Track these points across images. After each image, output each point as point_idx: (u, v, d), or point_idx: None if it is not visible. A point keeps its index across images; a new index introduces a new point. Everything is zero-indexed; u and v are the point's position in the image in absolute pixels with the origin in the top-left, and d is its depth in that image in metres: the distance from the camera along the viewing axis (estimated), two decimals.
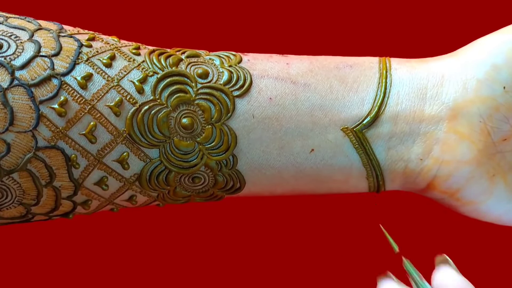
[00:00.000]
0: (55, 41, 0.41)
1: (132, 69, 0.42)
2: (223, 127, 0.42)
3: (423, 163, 0.44)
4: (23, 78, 0.40)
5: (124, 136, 0.41)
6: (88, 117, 0.40)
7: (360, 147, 0.43)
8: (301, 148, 0.43)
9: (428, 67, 0.44)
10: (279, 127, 0.43)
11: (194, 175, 0.43)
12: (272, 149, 0.43)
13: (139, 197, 0.43)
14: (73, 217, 0.44)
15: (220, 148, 0.42)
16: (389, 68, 0.44)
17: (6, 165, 0.40)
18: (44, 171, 0.41)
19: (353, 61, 0.45)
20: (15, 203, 0.41)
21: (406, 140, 0.44)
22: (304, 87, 0.43)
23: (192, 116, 0.42)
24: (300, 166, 0.43)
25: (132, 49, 0.43)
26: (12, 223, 0.43)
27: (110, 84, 0.41)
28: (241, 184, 0.43)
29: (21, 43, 0.41)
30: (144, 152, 0.42)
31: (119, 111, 0.41)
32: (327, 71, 0.44)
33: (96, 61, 0.41)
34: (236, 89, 0.43)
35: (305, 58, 0.45)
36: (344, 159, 0.44)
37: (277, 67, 0.44)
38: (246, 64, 0.44)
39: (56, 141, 0.40)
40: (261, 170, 0.43)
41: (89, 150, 0.41)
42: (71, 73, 0.41)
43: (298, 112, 0.43)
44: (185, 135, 0.42)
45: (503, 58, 0.43)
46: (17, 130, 0.39)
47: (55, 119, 0.40)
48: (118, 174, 0.42)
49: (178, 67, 0.42)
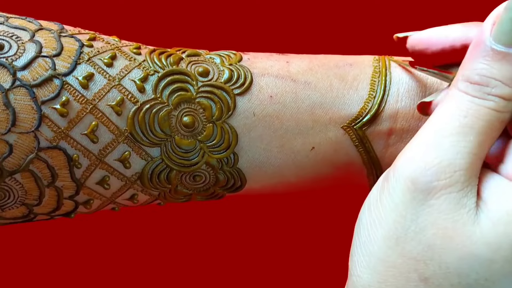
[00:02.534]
0: (56, 41, 0.41)
1: (133, 68, 0.42)
2: (224, 125, 0.42)
3: None
4: (25, 78, 0.40)
5: (126, 135, 0.41)
6: (90, 117, 0.41)
7: (360, 144, 0.44)
8: (302, 146, 0.43)
9: None
10: (279, 125, 0.43)
11: (195, 174, 0.43)
12: (272, 147, 0.43)
13: (140, 196, 0.43)
14: (74, 216, 0.44)
15: (221, 146, 0.42)
16: (388, 66, 0.44)
17: (8, 166, 0.40)
18: (46, 172, 0.41)
19: (353, 60, 0.45)
20: (18, 203, 0.41)
21: (405, 137, 0.44)
22: (305, 85, 0.43)
23: (193, 115, 0.42)
24: (300, 164, 0.44)
25: (133, 48, 0.43)
26: (14, 223, 0.43)
27: (112, 84, 0.41)
28: (242, 182, 0.44)
29: (22, 44, 0.40)
30: (146, 151, 0.42)
31: (120, 110, 0.41)
32: (327, 69, 0.44)
33: (97, 60, 0.41)
34: (237, 87, 0.43)
35: (305, 56, 0.45)
36: (344, 157, 0.44)
37: (277, 66, 0.44)
38: (246, 63, 0.44)
39: (58, 142, 0.40)
40: (262, 168, 0.43)
41: (91, 150, 0.41)
42: (73, 73, 0.41)
43: (298, 110, 0.43)
44: (186, 133, 0.42)
45: None
46: (19, 131, 0.39)
47: (57, 120, 0.40)
48: (119, 173, 0.42)
49: (178, 65, 0.43)
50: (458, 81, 0.37)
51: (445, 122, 0.36)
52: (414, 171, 0.36)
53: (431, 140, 0.36)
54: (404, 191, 0.36)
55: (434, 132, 0.36)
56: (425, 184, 0.35)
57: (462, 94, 0.37)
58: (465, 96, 0.37)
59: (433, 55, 0.42)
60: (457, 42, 0.41)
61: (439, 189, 0.35)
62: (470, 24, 0.41)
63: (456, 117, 0.36)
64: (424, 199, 0.35)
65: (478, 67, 0.37)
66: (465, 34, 0.41)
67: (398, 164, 0.37)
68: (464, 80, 0.37)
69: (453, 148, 0.36)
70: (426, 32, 0.42)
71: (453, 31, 0.41)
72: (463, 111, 0.36)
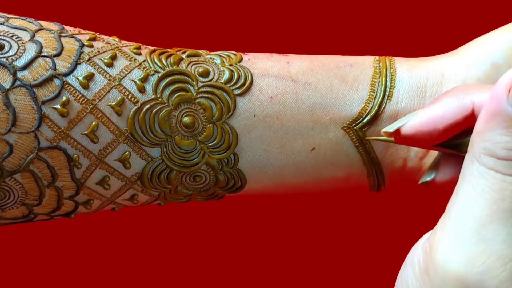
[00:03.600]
0: (56, 42, 0.41)
1: (133, 69, 0.42)
2: (224, 125, 0.42)
3: (422, 161, 0.44)
4: (25, 78, 0.40)
5: (126, 135, 0.41)
6: (90, 117, 0.41)
7: (360, 145, 0.44)
8: (302, 147, 0.43)
9: (427, 66, 0.45)
10: (280, 126, 0.43)
11: (195, 174, 0.43)
12: (273, 147, 0.43)
13: (140, 196, 0.43)
14: (74, 216, 0.44)
15: (221, 147, 0.42)
16: (389, 67, 0.44)
17: (8, 166, 0.40)
18: (47, 172, 0.41)
19: (353, 60, 0.45)
20: (18, 203, 0.41)
21: None
22: (305, 86, 0.43)
23: (194, 115, 0.42)
24: (301, 165, 0.44)
25: (133, 49, 0.43)
26: (14, 223, 0.43)
27: (112, 84, 0.41)
28: (242, 182, 0.44)
29: (22, 44, 0.40)
30: (146, 151, 0.42)
31: (120, 111, 0.41)
32: (328, 70, 0.44)
33: (97, 60, 0.41)
34: (237, 87, 0.43)
35: (305, 57, 0.45)
36: (345, 157, 0.44)
37: (278, 66, 0.44)
38: (246, 63, 0.44)
39: (58, 142, 0.40)
40: (262, 169, 0.43)
41: (91, 150, 0.41)
42: (73, 73, 0.41)
43: (299, 110, 0.43)
44: (187, 133, 0.42)
45: (503, 57, 0.43)
46: (19, 131, 0.39)
47: (57, 120, 0.40)
48: (119, 174, 0.42)
49: (179, 66, 0.43)
50: (480, 156, 0.34)
51: (480, 208, 0.34)
52: (462, 270, 0.33)
53: (471, 231, 0.34)
54: None
55: (471, 220, 0.34)
56: (477, 283, 0.33)
57: (490, 172, 0.34)
58: (495, 175, 0.34)
59: (439, 136, 0.38)
60: (458, 117, 0.37)
61: (493, 287, 0.33)
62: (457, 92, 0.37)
63: (493, 200, 0.33)
64: None
65: (502, 140, 0.34)
66: (460, 106, 0.37)
67: (438, 257, 0.34)
68: (488, 155, 0.34)
69: (497, 238, 0.33)
70: (418, 119, 0.38)
71: (447, 107, 0.37)
72: (498, 193, 0.33)
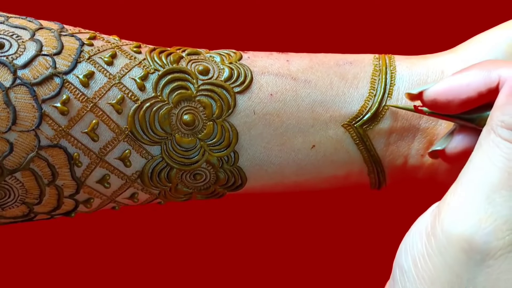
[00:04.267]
0: (56, 40, 0.41)
1: (133, 67, 0.42)
2: (224, 123, 0.42)
3: (423, 159, 0.44)
4: (26, 77, 0.40)
5: (126, 133, 0.41)
6: (90, 115, 0.41)
7: (361, 143, 0.44)
8: (302, 145, 0.43)
9: (427, 63, 0.45)
10: (280, 123, 0.43)
11: (195, 172, 0.43)
12: (273, 145, 0.43)
13: (140, 195, 0.43)
14: (75, 215, 0.44)
15: (221, 145, 0.42)
16: (389, 65, 0.45)
17: (9, 165, 0.40)
18: (47, 170, 0.41)
19: (353, 58, 0.45)
20: (18, 202, 0.41)
21: (406, 135, 0.44)
22: (305, 84, 0.43)
23: (194, 113, 0.42)
24: (301, 163, 0.44)
25: (133, 47, 0.43)
26: (14, 223, 0.43)
27: (112, 82, 0.41)
28: (243, 180, 0.44)
29: (22, 42, 0.40)
30: (146, 149, 0.42)
31: (120, 109, 0.41)
32: (327, 67, 0.44)
33: (97, 59, 0.41)
34: (237, 85, 0.43)
35: (305, 55, 0.45)
36: (345, 155, 0.44)
37: (278, 64, 0.44)
38: (246, 61, 0.44)
39: (58, 140, 0.40)
40: (262, 167, 0.43)
41: (91, 148, 0.41)
42: (73, 71, 0.41)
43: (298, 108, 0.43)
44: (187, 131, 0.42)
45: (502, 54, 0.43)
46: (20, 129, 0.39)
47: (58, 118, 0.40)
48: (120, 172, 0.42)
49: (179, 64, 0.43)
50: (497, 128, 0.36)
51: (492, 174, 0.35)
52: (468, 230, 0.34)
53: (481, 195, 0.35)
54: (458, 251, 0.34)
55: (482, 185, 0.35)
56: (483, 245, 0.34)
57: (506, 142, 0.35)
58: (510, 145, 0.35)
59: (459, 106, 0.39)
60: (482, 88, 0.38)
61: (498, 249, 0.34)
62: (487, 65, 0.39)
63: (505, 168, 0.35)
64: (482, 259, 0.34)
65: None
66: (487, 78, 0.38)
67: (447, 219, 0.35)
68: (505, 128, 0.35)
69: (506, 204, 0.34)
70: (443, 84, 0.39)
71: (473, 77, 0.39)
72: (511, 161, 0.35)
